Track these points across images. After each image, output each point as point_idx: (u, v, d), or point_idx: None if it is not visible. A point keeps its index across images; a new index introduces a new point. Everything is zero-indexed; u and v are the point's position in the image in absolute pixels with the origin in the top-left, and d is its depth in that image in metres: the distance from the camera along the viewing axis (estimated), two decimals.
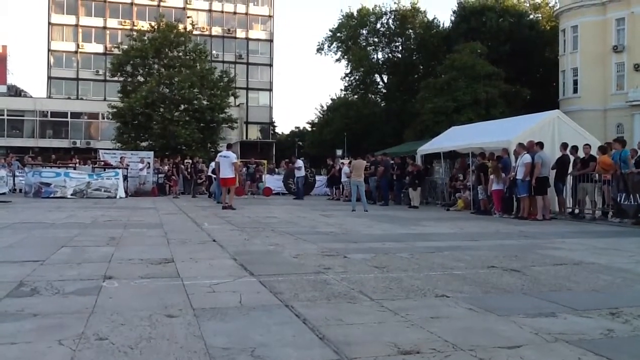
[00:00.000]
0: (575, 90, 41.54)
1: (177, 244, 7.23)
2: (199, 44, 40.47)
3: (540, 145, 12.91)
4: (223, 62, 55.44)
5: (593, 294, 4.51)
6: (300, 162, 23.96)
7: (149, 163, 24.57)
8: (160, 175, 24.89)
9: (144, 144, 35.48)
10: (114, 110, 36.05)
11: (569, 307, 3.95)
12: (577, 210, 13.33)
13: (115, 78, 40.66)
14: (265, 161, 27.51)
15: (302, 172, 23.11)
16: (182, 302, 3.94)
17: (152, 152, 27.25)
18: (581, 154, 13.20)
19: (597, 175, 12.77)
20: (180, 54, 38.18)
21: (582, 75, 40.97)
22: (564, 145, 13.41)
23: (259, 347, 2.94)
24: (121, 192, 20.46)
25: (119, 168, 22.33)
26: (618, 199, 11.87)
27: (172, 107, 36.41)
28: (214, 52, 55.26)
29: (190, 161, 26.14)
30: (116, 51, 41.25)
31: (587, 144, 13.41)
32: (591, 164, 12.86)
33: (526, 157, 12.74)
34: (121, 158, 24.68)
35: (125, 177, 22.00)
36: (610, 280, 5.12)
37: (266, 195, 24.05)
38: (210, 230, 9.21)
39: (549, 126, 14.89)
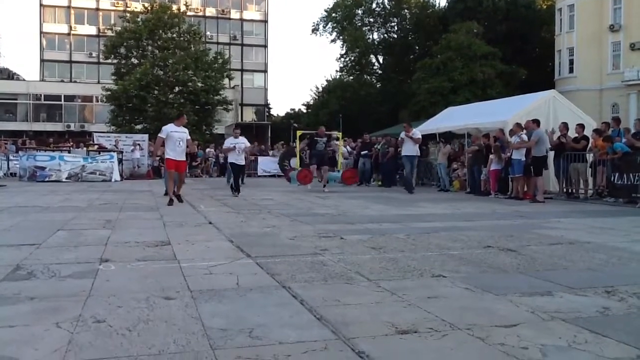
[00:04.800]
0: (571, 70, 41.42)
1: (173, 227, 7.23)
2: (193, 25, 40.13)
3: (537, 122, 12.84)
4: (217, 43, 54.93)
5: (589, 273, 4.54)
6: (417, 133, 15.53)
7: (139, 145, 24.49)
8: (155, 158, 24.79)
9: (138, 126, 35.35)
10: (108, 93, 35.84)
11: (565, 286, 3.97)
12: (572, 190, 13.38)
13: (109, 60, 40.37)
14: (340, 134, 19.63)
15: (411, 150, 15.06)
16: (179, 284, 3.94)
17: (146, 135, 27.13)
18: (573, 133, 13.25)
19: (589, 155, 12.84)
20: (174, 35, 37.89)
21: (578, 55, 40.82)
22: (565, 125, 13.41)
23: (256, 328, 2.94)
24: (116, 175, 20.42)
25: (114, 151, 22.25)
26: (612, 179, 11.90)
27: (167, 90, 36.24)
28: (208, 33, 54.69)
29: None
30: (109, 33, 40.86)
31: (579, 124, 13.43)
32: (582, 142, 12.89)
33: (523, 137, 12.71)
34: (116, 141, 24.62)
35: (120, 160, 21.94)
36: (605, 259, 5.15)
37: (349, 184, 17.26)
38: (207, 212, 9.21)
39: (545, 106, 14.89)
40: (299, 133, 19.06)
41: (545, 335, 2.88)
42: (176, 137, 10.65)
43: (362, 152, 19.86)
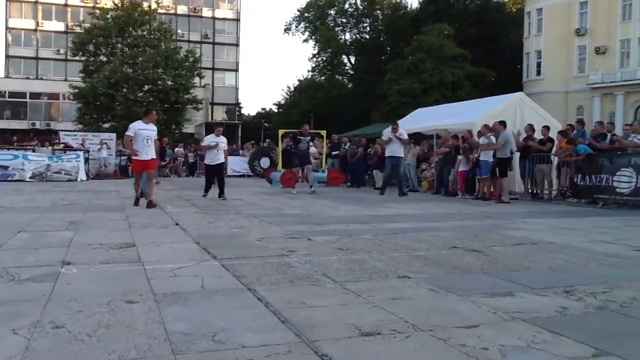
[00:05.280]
0: (538, 73, 42.31)
1: (138, 228, 7.13)
2: (164, 23, 39.74)
3: (504, 124, 13.04)
4: (189, 41, 54.37)
5: (550, 273, 4.63)
6: (404, 133, 14.49)
7: (106, 144, 24.13)
8: (122, 158, 24.42)
9: (106, 125, 34.88)
10: (76, 90, 35.26)
11: (527, 286, 4.05)
12: (537, 191, 13.64)
13: (77, 58, 39.69)
14: (323, 132, 18.46)
15: (397, 151, 14.17)
16: (143, 288, 3.88)
17: (114, 134, 26.71)
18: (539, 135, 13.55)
19: (554, 156, 13.14)
20: (145, 33, 37.49)
21: (545, 58, 41.71)
22: (531, 127, 13.67)
23: (220, 332, 2.92)
24: (82, 175, 20.07)
25: (80, 150, 21.86)
26: (575, 180, 12.18)
27: (136, 88, 35.82)
28: (179, 31, 54.14)
29: None
30: (78, 30, 40.15)
31: (545, 126, 13.72)
32: (548, 144, 13.16)
33: (491, 138, 12.91)
34: (83, 140, 24.20)
35: (86, 160, 21.57)
36: (566, 259, 5.26)
37: (334, 185, 16.64)
38: (174, 213, 9.10)
39: (512, 108, 15.14)
40: (281, 132, 18.03)
41: (505, 335, 2.93)
42: (144, 135, 10.05)
43: (333, 153, 19.88)
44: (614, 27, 38.75)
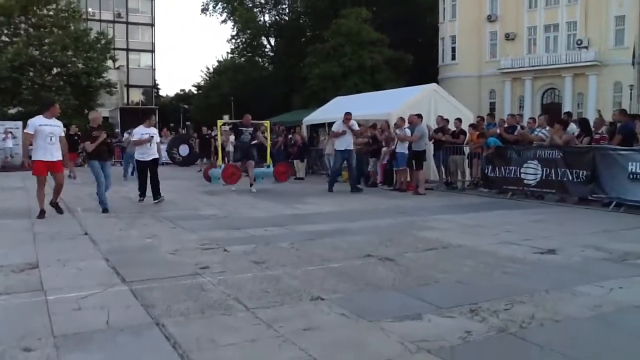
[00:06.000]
0: (453, 57, 43.60)
1: (44, 240, 6.76)
2: (72, 2, 37.56)
3: (421, 117, 13.36)
4: (100, 21, 51.95)
5: (457, 287, 4.78)
6: (355, 124, 13.49)
7: (11, 133, 22.72)
8: (30, 147, 23.05)
9: (12, 111, 32.78)
10: None
11: (434, 305, 4.15)
12: (451, 180, 14.16)
13: None
14: (267, 123, 16.60)
15: (350, 144, 13.36)
16: (43, 328, 3.66)
17: (20, 122, 25.12)
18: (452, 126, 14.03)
19: (466, 148, 13.67)
20: (51, 12, 35.31)
21: (459, 43, 43.03)
22: (442, 118, 14.13)
23: None
24: None
25: None
26: (486, 171, 12.71)
27: (44, 71, 33.82)
28: (89, 10, 51.50)
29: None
30: None
31: (457, 118, 14.22)
32: (461, 136, 13.67)
33: (406, 130, 13.20)
34: None
35: None
36: (473, 266, 5.47)
37: (282, 181, 14.64)
38: (83, 217, 8.72)
39: (426, 99, 15.60)
40: (219, 123, 16.48)
41: None
42: (47, 131, 8.66)
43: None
44: (521, 15, 40.52)
